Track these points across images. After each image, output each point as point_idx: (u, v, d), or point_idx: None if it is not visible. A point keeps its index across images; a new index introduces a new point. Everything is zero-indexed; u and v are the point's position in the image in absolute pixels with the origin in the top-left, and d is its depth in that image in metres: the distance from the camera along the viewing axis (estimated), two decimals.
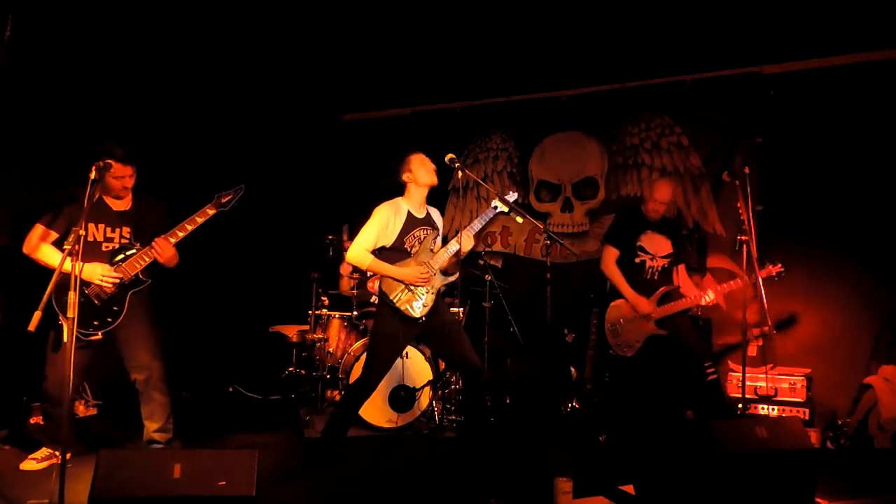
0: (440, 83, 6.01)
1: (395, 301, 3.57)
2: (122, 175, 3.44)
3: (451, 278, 3.74)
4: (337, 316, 5.20)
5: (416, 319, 3.59)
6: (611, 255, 4.36)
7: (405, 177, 3.70)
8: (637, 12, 4.73)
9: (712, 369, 4.06)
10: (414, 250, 3.67)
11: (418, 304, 3.59)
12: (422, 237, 3.70)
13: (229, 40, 5.18)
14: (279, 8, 4.83)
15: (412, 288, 3.59)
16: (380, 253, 3.63)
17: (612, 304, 4.38)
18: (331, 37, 5.29)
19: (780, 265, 3.98)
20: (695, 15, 4.69)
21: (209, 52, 5.26)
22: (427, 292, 3.62)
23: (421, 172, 3.67)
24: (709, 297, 4.08)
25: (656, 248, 4.28)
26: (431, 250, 3.69)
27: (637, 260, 4.29)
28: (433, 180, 3.70)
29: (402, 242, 3.64)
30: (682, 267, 4.37)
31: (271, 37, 5.23)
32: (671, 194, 4.32)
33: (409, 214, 3.68)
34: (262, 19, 4.97)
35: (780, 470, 2.89)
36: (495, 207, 3.67)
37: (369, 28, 5.14)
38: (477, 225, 3.70)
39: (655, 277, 4.27)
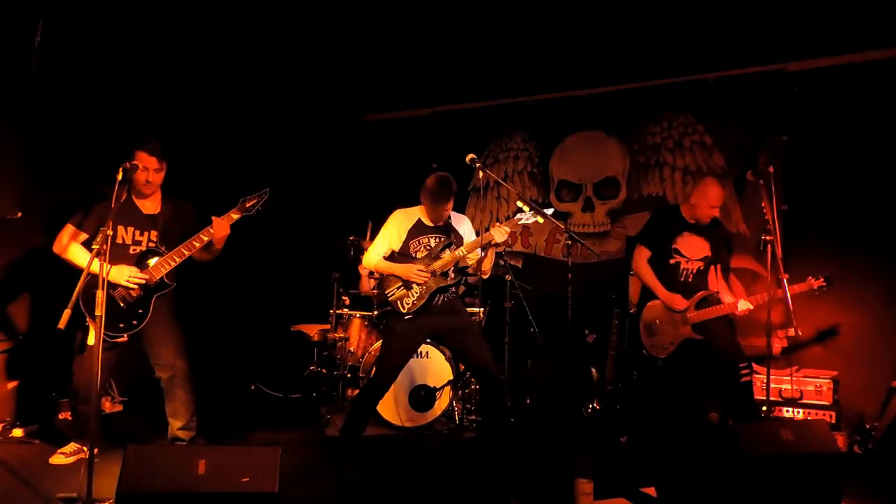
0: (461, 83, 6.01)
1: (389, 296, 3.74)
2: (146, 166, 3.47)
3: (451, 281, 3.76)
4: (358, 315, 5.22)
5: (403, 314, 3.71)
6: (642, 254, 4.24)
7: (422, 194, 3.77)
8: (659, 10, 4.69)
9: (746, 371, 3.98)
10: (419, 255, 3.75)
11: (408, 301, 3.71)
12: (430, 244, 3.77)
13: (253, 44, 5.24)
14: (302, 11, 4.87)
15: (408, 285, 3.71)
16: (390, 257, 3.81)
17: (648, 304, 4.26)
18: (353, 39, 5.31)
19: (822, 279, 3.83)
20: (718, 12, 4.63)
21: (234, 56, 5.32)
22: (420, 290, 3.70)
23: (427, 210, 3.76)
24: (744, 306, 3.99)
25: (692, 250, 4.15)
26: (440, 256, 3.74)
27: (672, 261, 4.16)
28: (434, 221, 3.79)
29: (407, 247, 3.78)
30: (718, 267, 4.23)
31: (294, 40, 5.28)
32: (723, 194, 4.18)
33: (419, 222, 3.80)
34: (286, 23, 5.01)
35: (806, 474, 2.84)
36: (520, 219, 3.68)
37: (390, 30, 5.16)
38: (500, 234, 3.64)
39: (690, 280, 4.15)
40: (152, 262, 3.50)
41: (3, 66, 4.05)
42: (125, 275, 3.40)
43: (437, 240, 3.77)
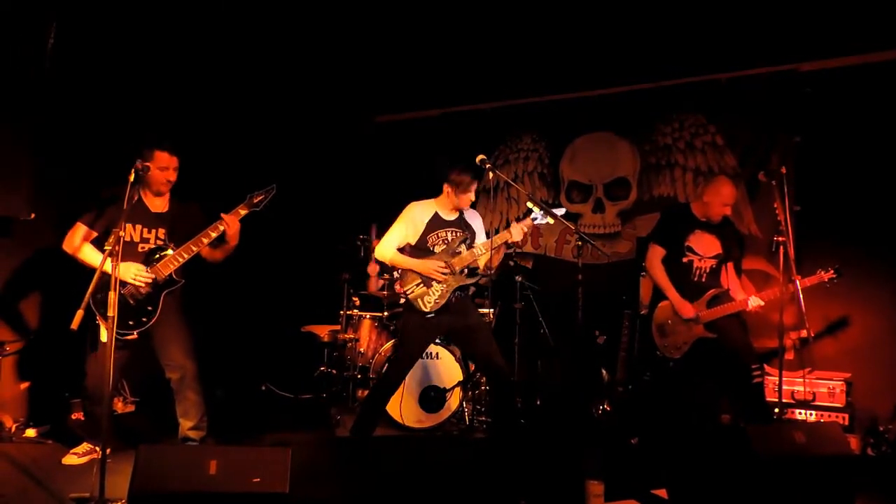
0: (470, 84, 6.01)
1: (408, 293, 3.65)
2: (167, 166, 3.51)
3: (471, 280, 3.75)
4: (368, 316, 5.23)
5: (425, 314, 3.65)
6: (656, 254, 4.19)
7: (447, 185, 3.72)
8: (670, 9, 4.67)
9: (758, 372, 3.95)
10: (437, 249, 3.71)
11: (429, 299, 3.65)
12: (448, 238, 3.74)
13: (264, 46, 5.27)
14: (312, 12, 4.89)
15: (428, 282, 3.64)
16: (404, 251, 3.72)
17: (660, 304, 4.22)
18: (363, 40, 5.33)
19: (832, 271, 3.78)
20: (730, 12, 4.61)
21: (244, 58, 5.35)
22: (441, 289, 3.65)
23: (460, 198, 3.71)
24: (755, 303, 3.96)
25: (705, 248, 4.11)
26: (458, 252, 3.71)
27: (685, 260, 4.12)
28: (463, 207, 3.78)
29: (424, 241, 3.71)
30: (730, 265, 4.19)
31: (304, 41, 5.30)
32: (736, 193, 4.14)
33: (437, 215, 3.75)
34: (296, 25, 5.03)
35: (819, 476, 2.83)
36: (534, 218, 3.67)
37: (400, 31, 5.17)
38: (518, 232, 3.68)
39: (703, 279, 4.11)
40: (161, 258, 3.52)
41: (16, 67, 4.09)
42: (132, 272, 3.42)
43: (454, 234, 3.75)
